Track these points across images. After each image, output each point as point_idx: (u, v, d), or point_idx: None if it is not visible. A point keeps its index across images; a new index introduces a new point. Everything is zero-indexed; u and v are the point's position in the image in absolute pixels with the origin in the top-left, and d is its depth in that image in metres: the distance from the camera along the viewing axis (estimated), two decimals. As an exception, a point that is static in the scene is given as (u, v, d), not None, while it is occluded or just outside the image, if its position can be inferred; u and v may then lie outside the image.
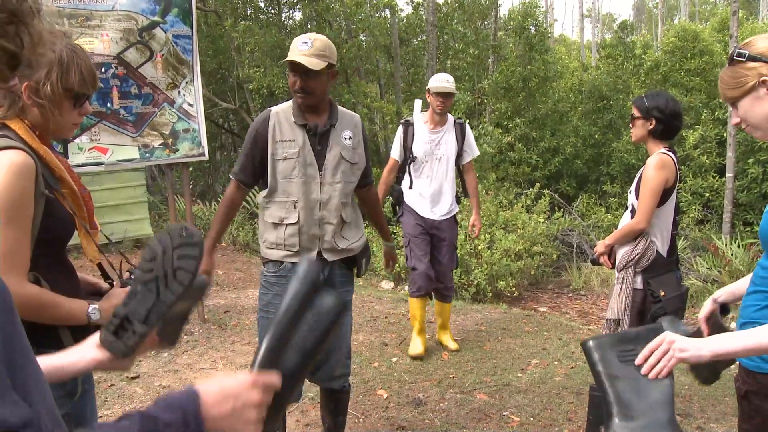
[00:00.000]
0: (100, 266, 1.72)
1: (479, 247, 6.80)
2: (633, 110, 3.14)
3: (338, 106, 2.82)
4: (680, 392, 3.84)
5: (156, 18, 4.32)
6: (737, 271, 6.72)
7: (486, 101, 12.08)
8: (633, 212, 3.10)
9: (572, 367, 4.29)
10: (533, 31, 12.59)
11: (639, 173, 3.11)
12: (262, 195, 2.77)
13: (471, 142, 4.61)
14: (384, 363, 4.34)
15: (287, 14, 13.12)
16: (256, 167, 2.74)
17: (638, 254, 3.05)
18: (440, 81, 4.43)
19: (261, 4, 12.62)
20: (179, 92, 4.44)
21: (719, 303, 1.85)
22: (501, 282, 6.61)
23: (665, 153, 3.04)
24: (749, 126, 1.60)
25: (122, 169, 5.71)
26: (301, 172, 2.67)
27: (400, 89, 12.31)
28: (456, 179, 4.65)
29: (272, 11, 12.83)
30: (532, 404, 3.71)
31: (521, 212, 7.84)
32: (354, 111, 4.17)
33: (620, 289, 3.08)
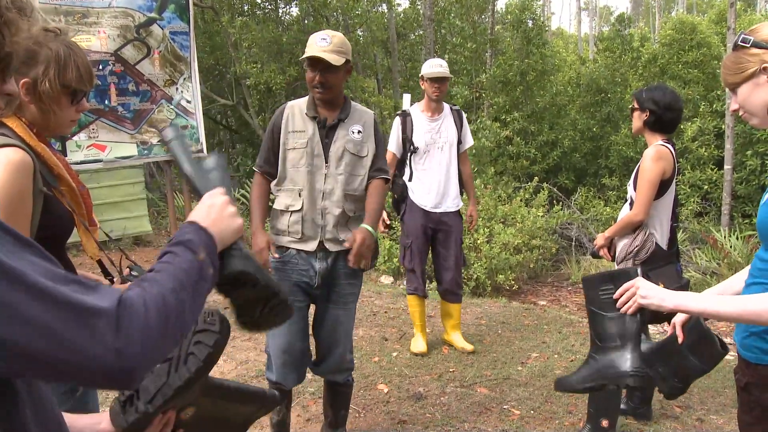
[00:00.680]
0: (100, 263, 1.72)
1: (478, 241, 6.79)
2: (633, 102, 3.16)
3: (353, 102, 2.87)
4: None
5: (153, 14, 4.32)
6: (736, 263, 6.72)
7: (484, 95, 12.05)
8: (632, 204, 3.10)
9: (572, 360, 4.30)
10: (531, 25, 12.54)
11: (637, 166, 3.12)
12: (273, 183, 2.83)
13: (467, 130, 4.47)
14: (384, 357, 4.34)
15: (284, 10, 13.10)
16: (276, 157, 2.80)
17: (637, 246, 3.05)
18: (434, 66, 4.25)
19: (258, 0, 12.59)
20: (177, 89, 4.44)
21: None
22: (500, 276, 6.61)
23: (662, 145, 3.04)
24: (746, 113, 1.59)
25: (121, 166, 5.71)
26: (308, 162, 2.73)
27: (398, 84, 12.29)
28: None
29: (269, 7, 12.80)
30: (533, 397, 3.72)
31: (520, 206, 7.82)
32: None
33: (620, 282, 3.08)
